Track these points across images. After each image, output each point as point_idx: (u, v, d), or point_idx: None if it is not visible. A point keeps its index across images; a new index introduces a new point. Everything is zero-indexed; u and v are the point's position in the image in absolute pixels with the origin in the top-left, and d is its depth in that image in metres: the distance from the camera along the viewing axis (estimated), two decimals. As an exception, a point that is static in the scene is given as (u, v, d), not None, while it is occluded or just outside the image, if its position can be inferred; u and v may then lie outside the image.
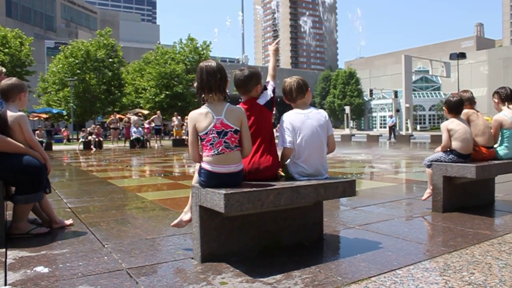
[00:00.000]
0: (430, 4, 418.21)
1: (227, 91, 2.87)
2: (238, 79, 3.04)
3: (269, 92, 3.15)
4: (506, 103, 4.81)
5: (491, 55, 78.16)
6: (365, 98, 78.04)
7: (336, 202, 5.01)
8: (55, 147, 23.75)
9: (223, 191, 2.54)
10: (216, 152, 2.73)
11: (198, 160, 2.86)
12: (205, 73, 2.79)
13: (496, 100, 4.89)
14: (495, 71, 74.39)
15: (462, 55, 53.30)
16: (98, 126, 25.66)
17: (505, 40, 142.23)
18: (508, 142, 4.74)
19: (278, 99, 3.30)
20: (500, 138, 4.82)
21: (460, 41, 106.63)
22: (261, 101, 3.11)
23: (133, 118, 23.16)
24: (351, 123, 55.46)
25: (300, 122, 3.18)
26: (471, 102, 4.75)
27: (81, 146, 22.03)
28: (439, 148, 4.58)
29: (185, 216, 3.17)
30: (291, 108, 3.32)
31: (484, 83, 73.00)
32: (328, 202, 4.47)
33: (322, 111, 3.33)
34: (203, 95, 2.82)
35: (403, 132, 32.38)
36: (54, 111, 34.35)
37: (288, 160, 3.27)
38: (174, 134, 26.18)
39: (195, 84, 2.88)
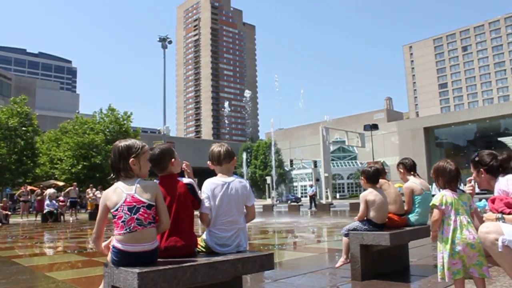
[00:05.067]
0: (343, 78, 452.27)
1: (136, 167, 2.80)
2: (151, 159, 3.01)
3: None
4: (411, 172, 5.18)
5: (400, 126, 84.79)
6: (286, 168, 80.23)
7: (258, 275, 4.91)
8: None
9: (136, 270, 2.40)
10: (128, 230, 2.60)
11: (96, 241, 2.79)
12: (112, 153, 2.80)
13: (402, 170, 5.25)
14: (405, 141, 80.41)
15: (374, 126, 57.28)
16: (4, 199, 23.89)
17: (411, 112, 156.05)
18: (419, 208, 5.02)
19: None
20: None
21: (372, 113, 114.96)
22: (185, 180, 3.12)
23: (49, 191, 21.87)
24: (273, 193, 56.39)
25: (220, 189, 3.16)
26: (382, 172, 5.03)
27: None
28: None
29: None
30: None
31: (396, 152, 78.27)
32: (249, 275, 4.38)
33: (244, 180, 3.34)
34: (114, 173, 2.79)
35: (324, 201, 33.34)
36: (-44, 183, 31.59)
37: (205, 233, 3.21)
38: (89, 207, 25.02)
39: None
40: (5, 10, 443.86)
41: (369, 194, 4.62)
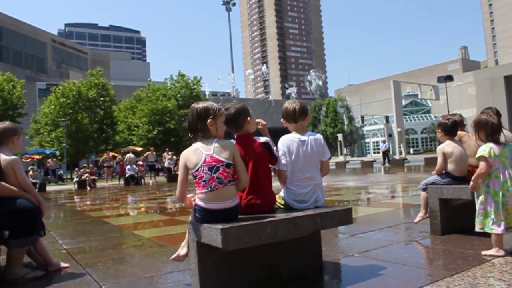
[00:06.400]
0: (414, 30, 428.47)
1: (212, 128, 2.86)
2: (227, 119, 3.05)
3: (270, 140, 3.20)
4: None
5: (478, 76, 79.35)
6: (356, 124, 78.61)
7: (334, 230, 4.97)
8: (49, 187, 23.56)
9: (219, 226, 2.53)
10: (209, 188, 2.72)
11: (182, 200, 2.88)
12: (190, 114, 2.88)
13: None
14: (483, 92, 75.34)
15: (449, 78, 54.10)
16: (91, 165, 25.58)
17: (490, 61, 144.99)
18: (503, 160, 4.77)
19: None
20: None
21: (446, 64, 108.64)
22: (262, 138, 3.15)
23: (129, 156, 23.14)
24: (345, 150, 55.68)
25: (296, 146, 3.21)
26: (461, 124, 4.81)
27: (76, 186, 21.92)
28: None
29: (182, 250, 3.13)
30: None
31: (473, 104, 73.81)
32: (326, 230, 4.44)
33: (318, 135, 3.36)
34: (192, 133, 2.89)
35: (397, 157, 32.49)
36: (47, 151, 34.24)
37: (283, 190, 3.28)
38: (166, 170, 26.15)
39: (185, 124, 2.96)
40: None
41: (447, 146, 4.46)
